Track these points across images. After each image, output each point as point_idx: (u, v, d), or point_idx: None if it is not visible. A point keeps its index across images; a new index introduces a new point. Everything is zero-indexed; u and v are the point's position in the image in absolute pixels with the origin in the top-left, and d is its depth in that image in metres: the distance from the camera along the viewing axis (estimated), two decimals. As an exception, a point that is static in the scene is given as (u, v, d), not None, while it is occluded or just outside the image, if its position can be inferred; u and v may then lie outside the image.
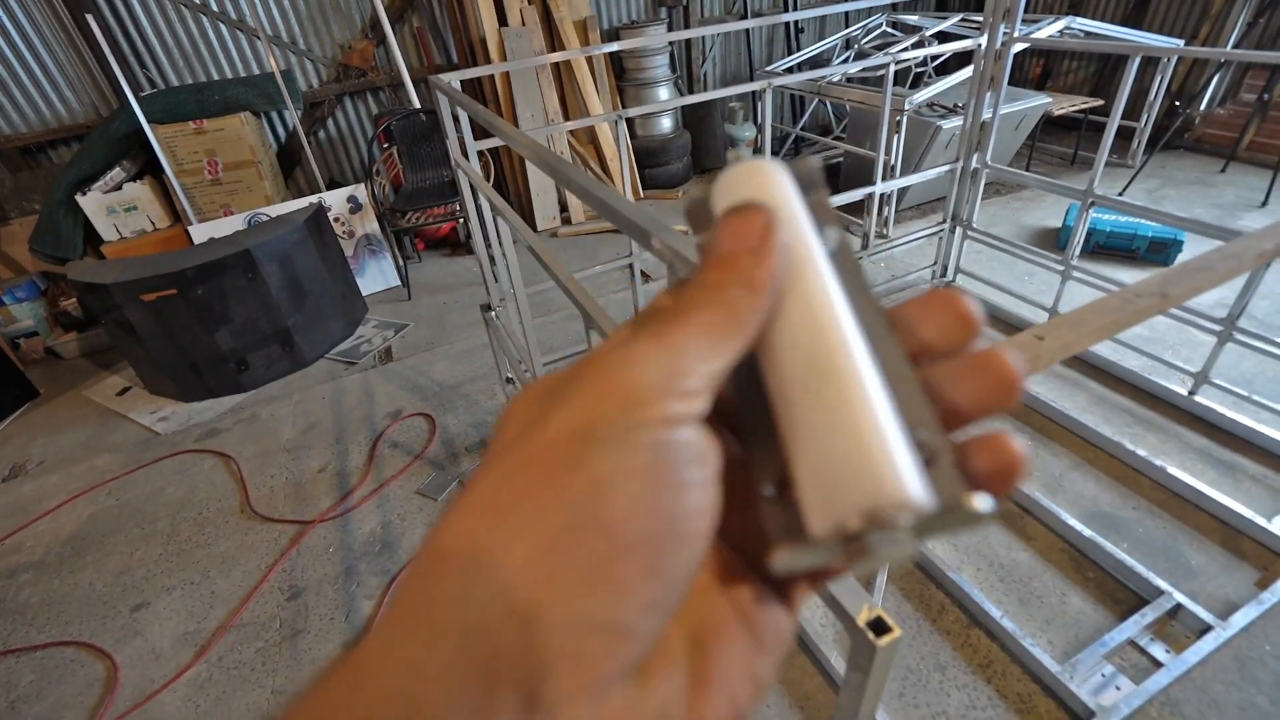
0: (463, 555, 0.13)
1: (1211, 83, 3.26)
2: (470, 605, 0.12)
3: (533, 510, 0.13)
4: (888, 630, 0.35)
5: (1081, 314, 0.46)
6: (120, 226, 2.69)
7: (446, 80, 1.34)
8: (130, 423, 2.19)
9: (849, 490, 0.14)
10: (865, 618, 0.36)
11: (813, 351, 0.16)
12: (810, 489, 0.15)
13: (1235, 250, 0.49)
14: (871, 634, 0.35)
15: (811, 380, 0.16)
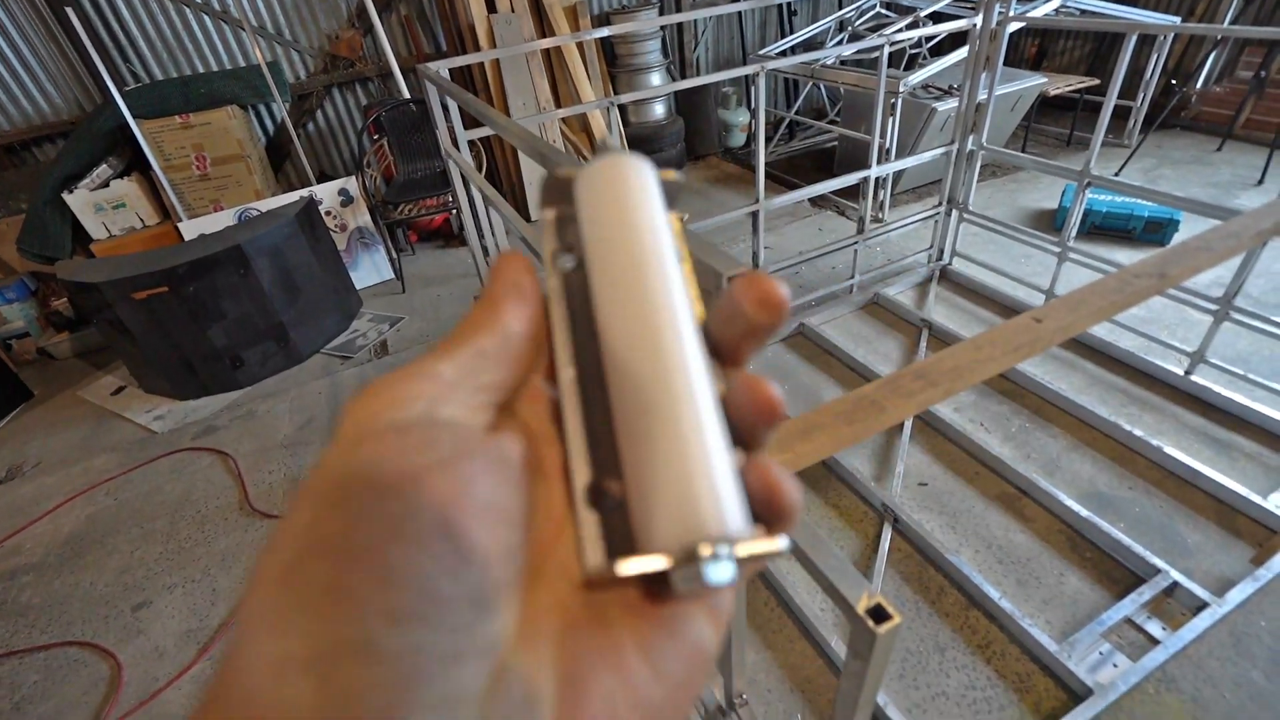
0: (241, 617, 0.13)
1: (1208, 60, 3.24)
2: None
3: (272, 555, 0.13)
4: (887, 618, 0.35)
5: (1080, 295, 0.46)
6: (109, 224, 2.66)
7: (435, 69, 1.32)
8: (126, 422, 2.19)
9: (678, 522, 0.15)
10: (865, 605, 0.36)
11: (641, 378, 0.16)
12: (642, 512, 0.15)
13: (1233, 229, 0.48)
14: (871, 621, 0.35)
15: (640, 407, 0.16)
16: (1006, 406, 1.75)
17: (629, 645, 0.16)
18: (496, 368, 0.17)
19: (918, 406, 0.44)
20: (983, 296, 2.21)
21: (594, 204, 0.19)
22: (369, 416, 0.15)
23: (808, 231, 2.89)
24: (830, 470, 1.60)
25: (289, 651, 0.12)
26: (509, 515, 0.15)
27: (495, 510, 0.15)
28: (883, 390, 0.44)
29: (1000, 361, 0.42)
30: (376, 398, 0.15)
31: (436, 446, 0.14)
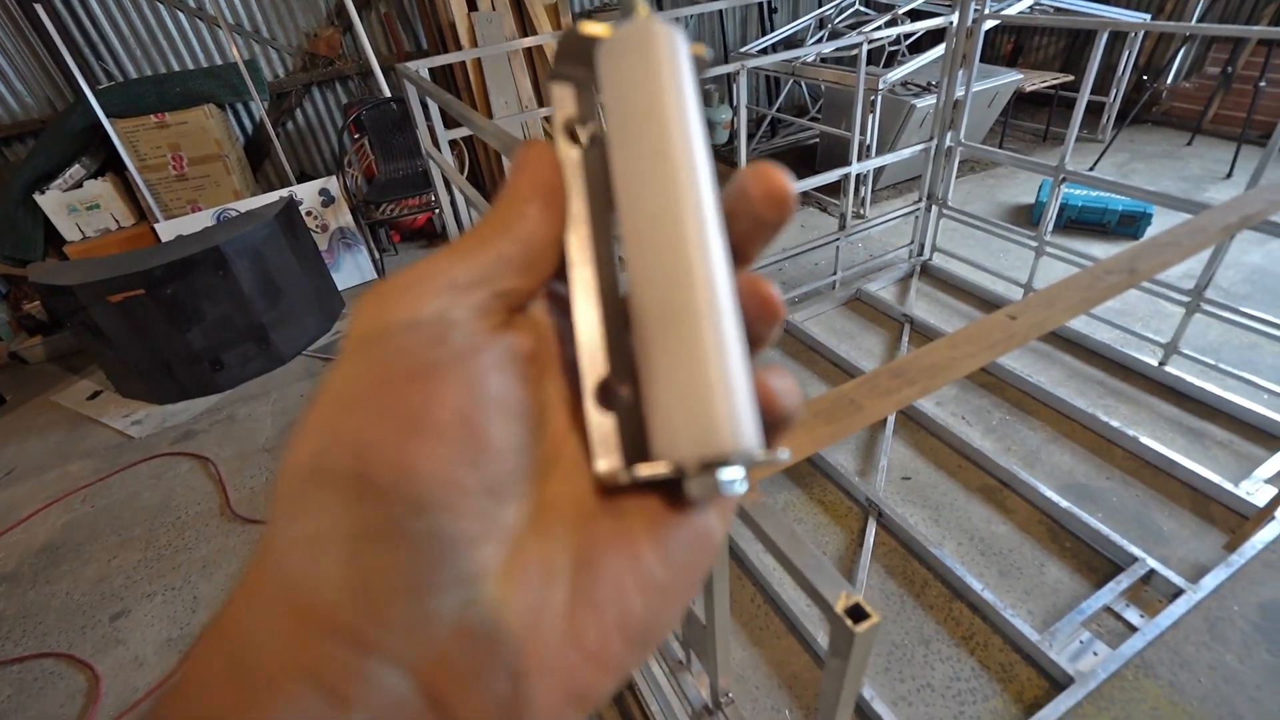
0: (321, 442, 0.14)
1: (1177, 57, 3.30)
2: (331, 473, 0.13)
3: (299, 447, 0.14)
4: (866, 617, 0.36)
5: (1053, 291, 0.46)
6: (83, 225, 2.61)
7: (415, 68, 1.31)
8: (102, 427, 2.15)
9: (698, 433, 0.15)
10: (843, 605, 0.36)
11: (666, 281, 0.16)
12: (661, 419, 0.16)
13: (1200, 224, 0.50)
14: (850, 621, 0.35)
15: (663, 311, 0.16)
16: (987, 399, 1.78)
17: (640, 532, 0.16)
18: (516, 275, 0.17)
19: (895, 405, 0.45)
20: (963, 291, 2.24)
21: (621, 76, 0.17)
22: (379, 317, 0.15)
23: (790, 228, 2.90)
24: (815, 466, 1.62)
25: (320, 531, 0.13)
26: (520, 410, 0.16)
27: (507, 405, 0.15)
28: (861, 389, 0.45)
29: (976, 358, 0.43)
30: (385, 301, 0.15)
31: (449, 343, 0.15)
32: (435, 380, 0.14)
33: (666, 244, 0.16)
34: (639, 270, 0.16)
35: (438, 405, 0.14)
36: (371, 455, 0.13)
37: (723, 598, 0.56)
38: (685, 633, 0.70)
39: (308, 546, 0.13)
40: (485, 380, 0.15)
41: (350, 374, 0.14)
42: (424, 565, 0.13)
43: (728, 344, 0.15)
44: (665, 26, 0.17)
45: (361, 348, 0.15)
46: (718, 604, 0.56)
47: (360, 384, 0.14)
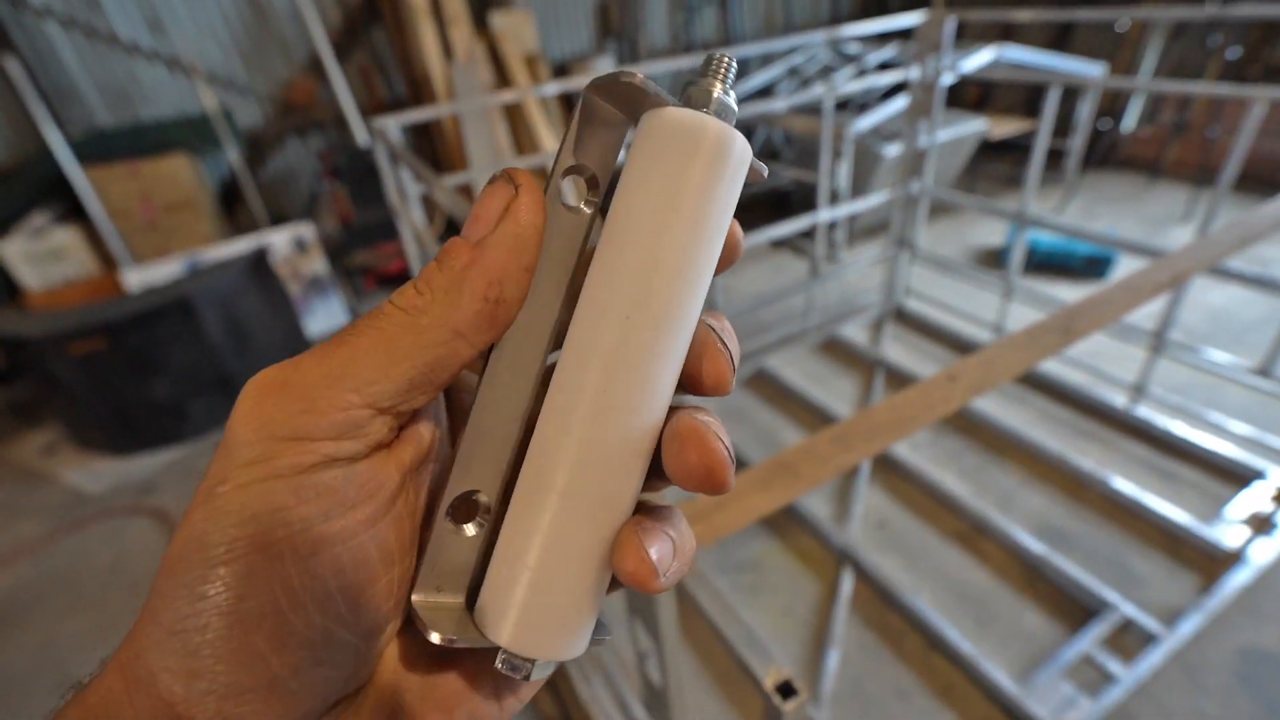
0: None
1: (1134, 107, 3.44)
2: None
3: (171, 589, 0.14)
4: (795, 693, 0.34)
5: (990, 354, 0.46)
6: (45, 274, 2.57)
7: (389, 125, 1.32)
8: (56, 483, 2.07)
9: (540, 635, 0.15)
10: (773, 681, 0.34)
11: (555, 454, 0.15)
12: (502, 594, 0.15)
13: (1133, 284, 0.50)
14: (779, 698, 0.33)
15: (535, 486, 0.15)
16: (960, 442, 1.78)
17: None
18: (426, 392, 0.15)
19: (834, 471, 0.44)
20: (936, 334, 2.27)
21: (657, 167, 0.14)
22: (267, 436, 0.14)
23: (765, 272, 2.94)
24: (789, 514, 1.59)
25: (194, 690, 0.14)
26: (404, 549, 0.16)
27: (393, 554, 0.16)
28: (799, 455, 0.44)
29: (917, 420, 0.43)
30: (281, 405, 0.15)
31: (341, 510, 0.15)
32: (317, 553, 0.14)
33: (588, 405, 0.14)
34: (550, 411, 0.15)
35: (320, 578, 0.14)
36: (248, 628, 0.14)
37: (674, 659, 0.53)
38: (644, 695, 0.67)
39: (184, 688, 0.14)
40: (375, 538, 0.15)
41: (229, 533, 0.14)
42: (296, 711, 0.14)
43: (577, 543, 0.15)
44: (731, 134, 0.15)
45: (243, 504, 0.14)
46: (669, 668, 0.54)
47: (240, 552, 0.14)
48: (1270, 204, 0.69)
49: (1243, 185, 2.92)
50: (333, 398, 0.14)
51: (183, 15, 2.78)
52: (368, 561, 0.15)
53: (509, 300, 0.15)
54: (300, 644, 0.14)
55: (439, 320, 0.15)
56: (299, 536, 0.14)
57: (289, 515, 0.14)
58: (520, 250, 0.15)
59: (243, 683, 0.13)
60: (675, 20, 3.85)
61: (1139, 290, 0.49)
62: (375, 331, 0.15)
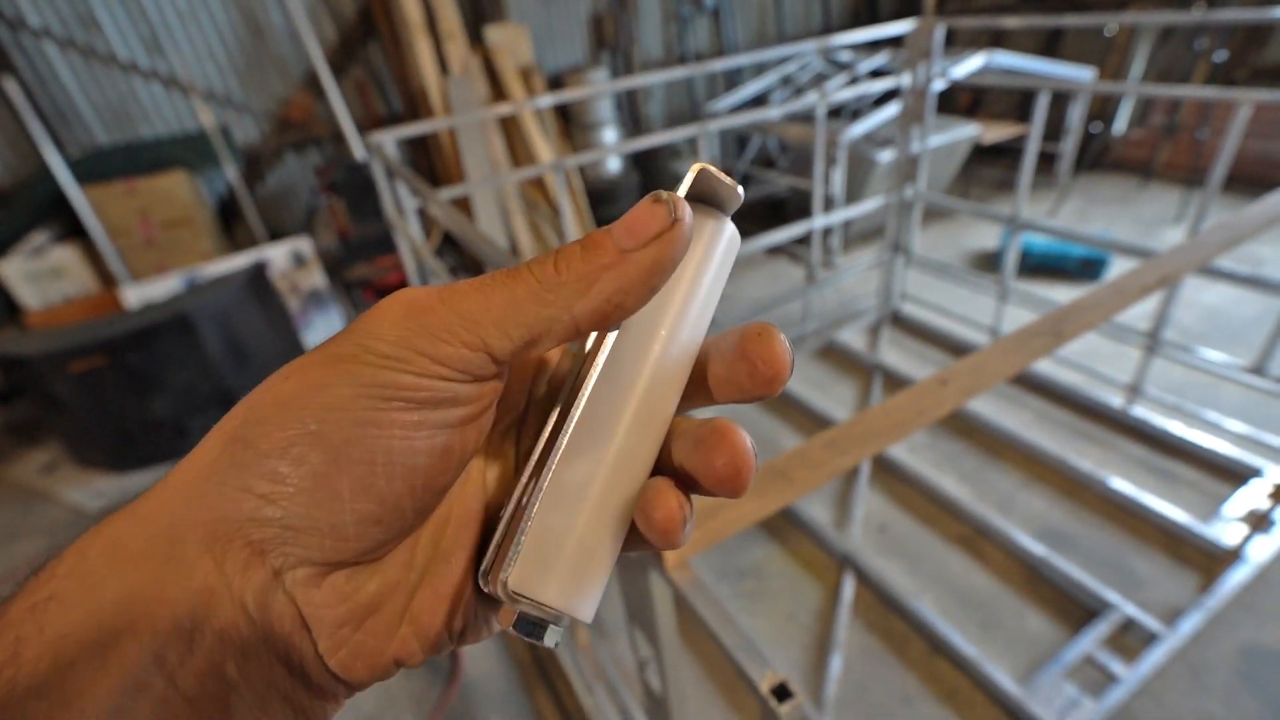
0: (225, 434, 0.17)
1: (1124, 110, 3.47)
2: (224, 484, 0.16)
3: (278, 419, 0.16)
4: (790, 696, 0.34)
5: (981, 358, 0.47)
6: (45, 293, 2.58)
7: (385, 139, 1.34)
8: (57, 502, 2.07)
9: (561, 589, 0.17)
10: (768, 684, 0.35)
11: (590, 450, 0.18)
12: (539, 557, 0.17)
13: (1121, 286, 0.51)
14: (775, 701, 0.34)
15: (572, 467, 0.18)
16: (959, 445, 1.78)
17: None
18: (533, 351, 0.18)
19: (827, 476, 0.45)
20: (933, 338, 2.28)
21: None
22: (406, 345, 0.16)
23: (762, 279, 2.95)
24: (790, 519, 1.60)
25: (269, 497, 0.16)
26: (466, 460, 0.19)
27: (461, 460, 0.18)
28: (792, 461, 0.44)
29: (909, 424, 0.43)
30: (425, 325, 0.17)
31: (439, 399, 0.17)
32: (415, 429, 0.16)
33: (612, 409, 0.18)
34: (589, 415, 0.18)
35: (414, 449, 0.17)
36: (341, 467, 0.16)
37: (675, 666, 0.53)
38: (646, 703, 0.68)
39: (254, 501, 0.15)
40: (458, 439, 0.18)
41: (340, 390, 0.16)
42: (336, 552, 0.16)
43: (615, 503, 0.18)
44: (731, 234, 0.20)
45: (357, 365, 0.16)
46: (669, 675, 0.54)
47: (350, 401, 0.16)
48: (1256, 204, 0.70)
49: (1233, 186, 2.94)
50: (465, 337, 0.16)
51: (180, 35, 2.81)
52: (449, 454, 0.17)
53: (627, 310, 0.17)
54: (375, 500, 0.16)
55: (564, 301, 0.17)
56: (411, 413, 0.16)
57: (407, 395, 0.16)
58: (657, 274, 0.17)
59: (312, 517, 0.16)
60: (669, 32, 3.89)
61: (1127, 292, 0.50)
62: (508, 291, 0.17)
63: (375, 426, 0.16)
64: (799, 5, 4.25)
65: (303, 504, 0.15)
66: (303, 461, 0.15)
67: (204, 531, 0.15)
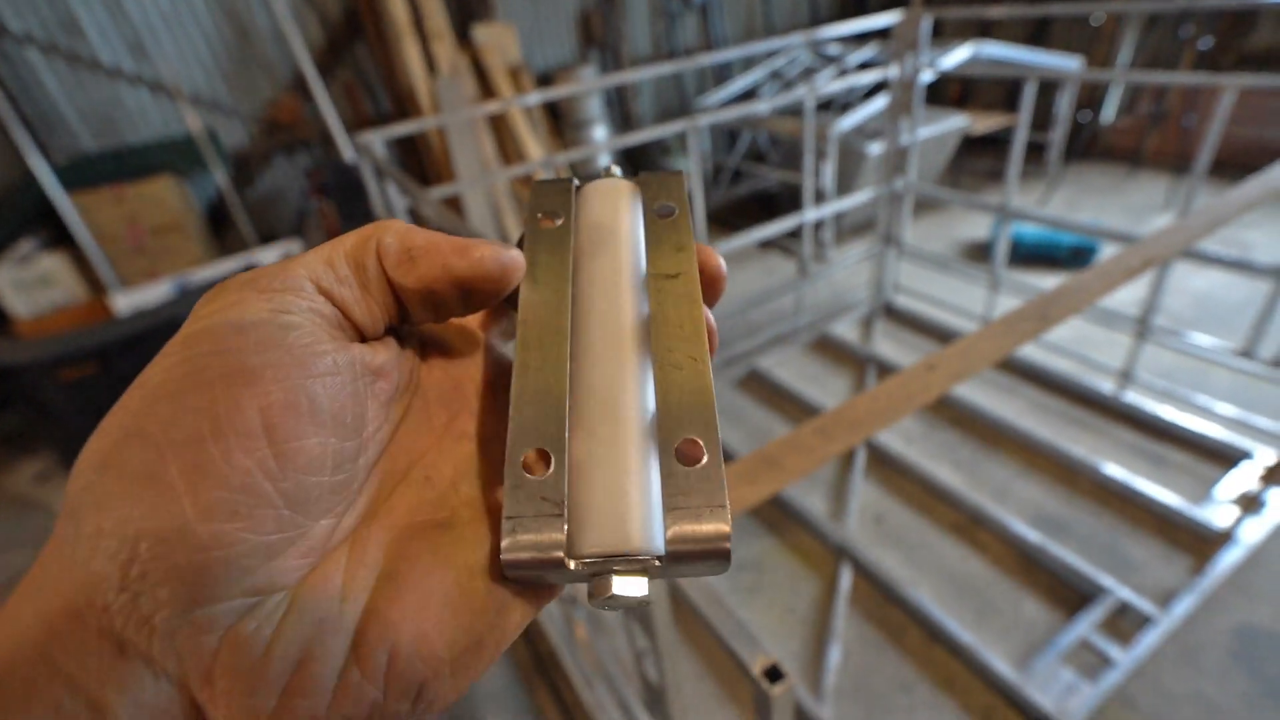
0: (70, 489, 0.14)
1: (1111, 98, 3.49)
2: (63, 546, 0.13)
3: (93, 450, 0.14)
4: (781, 677, 0.35)
5: (969, 342, 0.47)
6: (34, 302, 2.56)
7: (373, 139, 1.33)
8: (49, 511, 2.06)
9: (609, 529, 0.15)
10: (760, 666, 0.35)
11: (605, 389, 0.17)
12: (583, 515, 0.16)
13: (1106, 270, 0.51)
14: (766, 682, 0.34)
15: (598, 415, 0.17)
16: (954, 435, 1.79)
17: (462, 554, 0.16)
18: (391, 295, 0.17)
19: (818, 461, 0.45)
20: (926, 328, 2.28)
21: (593, 206, 0.21)
22: (212, 313, 0.15)
23: (755, 273, 2.95)
24: (785, 511, 1.60)
25: (102, 527, 0.12)
26: (346, 423, 0.15)
27: (329, 416, 0.15)
28: (783, 448, 0.45)
29: (899, 410, 0.44)
30: (223, 294, 0.15)
31: (275, 348, 0.14)
32: (248, 384, 0.14)
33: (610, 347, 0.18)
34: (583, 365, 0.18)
35: (245, 410, 0.13)
36: (167, 452, 0.13)
37: (671, 657, 0.54)
38: (644, 695, 0.68)
39: (90, 542, 0.12)
40: (307, 389, 0.14)
41: (163, 370, 0.14)
42: (209, 575, 0.12)
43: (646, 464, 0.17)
44: (618, 183, 0.22)
45: (185, 344, 0.14)
46: (666, 666, 0.54)
47: (170, 382, 0.14)
48: (1238, 188, 0.71)
49: (1221, 172, 2.95)
50: (286, 275, 0.16)
51: (165, 38, 2.79)
52: (297, 410, 0.14)
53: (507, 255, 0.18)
54: (217, 482, 0.13)
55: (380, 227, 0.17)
56: (232, 361, 0.14)
57: (226, 344, 0.14)
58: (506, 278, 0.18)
59: (150, 532, 0.12)
60: (657, 28, 3.88)
61: (1112, 275, 0.50)
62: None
63: (194, 396, 0.13)
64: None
65: (136, 519, 0.12)
66: (123, 472, 0.13)
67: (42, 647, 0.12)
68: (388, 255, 0.17)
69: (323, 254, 0.16)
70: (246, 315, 0.14)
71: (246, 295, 0.15)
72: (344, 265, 0.16)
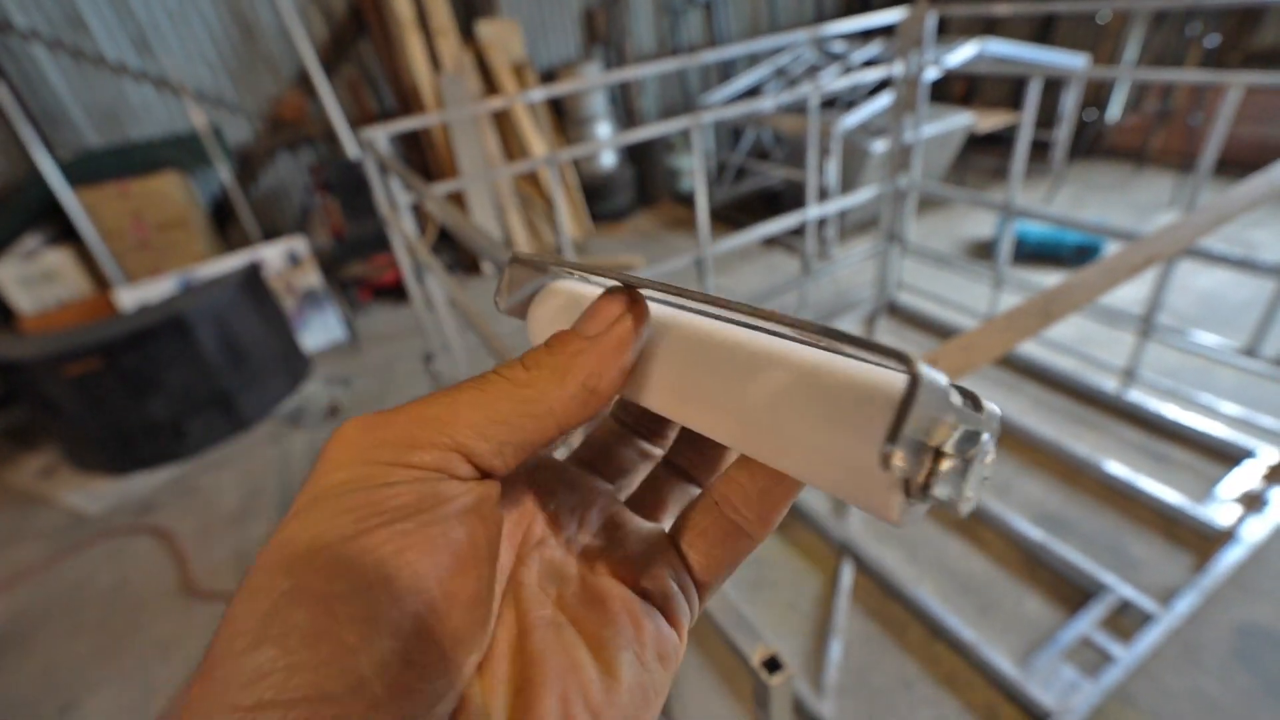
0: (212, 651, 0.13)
1: (1118, 96, 3.48)
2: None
3: (245, 610, 0.13)
4: (780, 668, 0.35)
5: (970, 338, 0.47)
6: (39, 297, 2.57)
7: (377, 135, 1.33)
8: (54, 505, 2.07)
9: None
10: (760, 657, 0.35)
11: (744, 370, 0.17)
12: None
13: (1109, 266, 0.51)
14: (766, 673, 0.35)
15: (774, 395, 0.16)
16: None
17: (582, 648, 0.16)
18: (521, 454, 0.17)
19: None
20: (929, 326, 2.28)
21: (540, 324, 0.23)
22: (368, 460, 0.15)
23: (758, 271, 2.95)
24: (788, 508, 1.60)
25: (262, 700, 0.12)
26: (480, 563, 0.15)
27: (465, 562, 0.15)
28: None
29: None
30: (383, 436, 0.15)
31: (434, 510, 0.14)
32: (385, 558, 0.14)
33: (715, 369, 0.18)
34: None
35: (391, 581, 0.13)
36: (333, 609, 0.13)
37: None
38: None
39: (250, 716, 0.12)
40: (440, 545, 0.14)
41: (309, 527, 0.14)
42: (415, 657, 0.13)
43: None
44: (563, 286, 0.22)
45: (317, 500, 0.14)
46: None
47: (323, 536, 0.13)
48: (1241, 186, 0.70)
49: (1227, 170, 2.95)
50: (432, 436, 0.15)
51: (170, 35, 2.79)
52: (458, 554, 0.14)
53: (603, 392, 0.17)
54: (391, 633, 0.13)
55: (539, 393, 0.16)
56: (393, 524, 0.14)
57: (381, 506, 0.14)
58: (624, 350, 0.18)
59: (322, 687, 0.12)
60: (661, 25, 3.88)
61: (1115, 272, 0.50)
62: (477, 393, 0.16)
63: (358, 550, 0.13)
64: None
65: (305, 676, 0.12)
66: (288, 631, 0.12)
67: None
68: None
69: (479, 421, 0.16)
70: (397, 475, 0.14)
71: (371, 470, 0.14)
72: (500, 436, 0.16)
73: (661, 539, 0.19)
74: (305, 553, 0.13)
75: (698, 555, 0.19)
